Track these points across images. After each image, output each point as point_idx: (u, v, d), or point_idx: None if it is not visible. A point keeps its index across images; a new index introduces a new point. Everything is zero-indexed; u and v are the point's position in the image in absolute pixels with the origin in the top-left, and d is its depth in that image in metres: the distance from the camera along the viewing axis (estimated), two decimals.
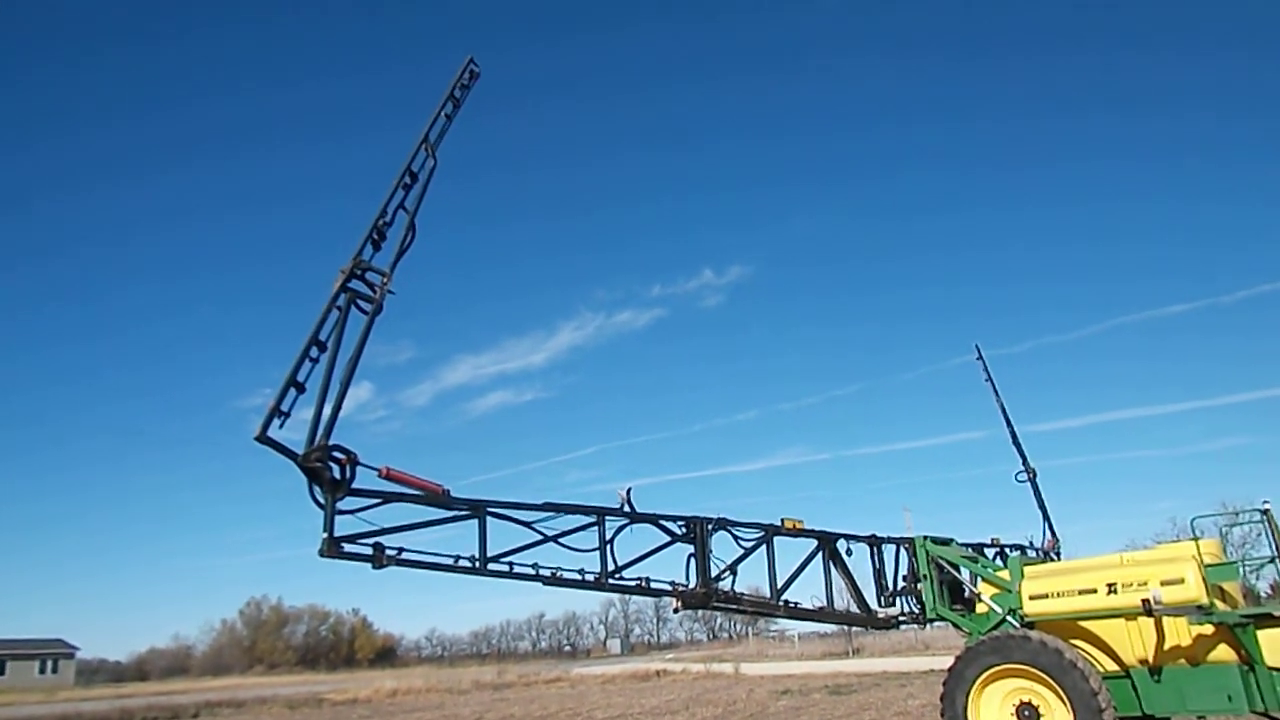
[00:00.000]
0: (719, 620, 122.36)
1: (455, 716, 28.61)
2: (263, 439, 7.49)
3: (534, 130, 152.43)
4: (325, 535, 7.61)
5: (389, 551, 8.12)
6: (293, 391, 7.87)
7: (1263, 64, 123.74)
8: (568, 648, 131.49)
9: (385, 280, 8.84)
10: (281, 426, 7.68)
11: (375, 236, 9.01)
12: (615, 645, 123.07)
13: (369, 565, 7.97)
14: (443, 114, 10.20)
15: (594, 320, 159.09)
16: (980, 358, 16.71)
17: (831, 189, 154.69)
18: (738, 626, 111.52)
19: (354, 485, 7.98)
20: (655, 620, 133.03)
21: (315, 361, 8.09)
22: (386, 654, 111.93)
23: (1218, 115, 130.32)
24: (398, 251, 9.16)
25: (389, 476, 8.08)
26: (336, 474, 7.85)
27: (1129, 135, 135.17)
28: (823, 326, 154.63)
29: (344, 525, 7.96)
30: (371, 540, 8.05)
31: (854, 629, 48.84)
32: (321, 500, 7.73)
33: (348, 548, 7.83)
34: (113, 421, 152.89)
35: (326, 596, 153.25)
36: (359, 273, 8.70)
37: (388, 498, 8.22)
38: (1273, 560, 10.36)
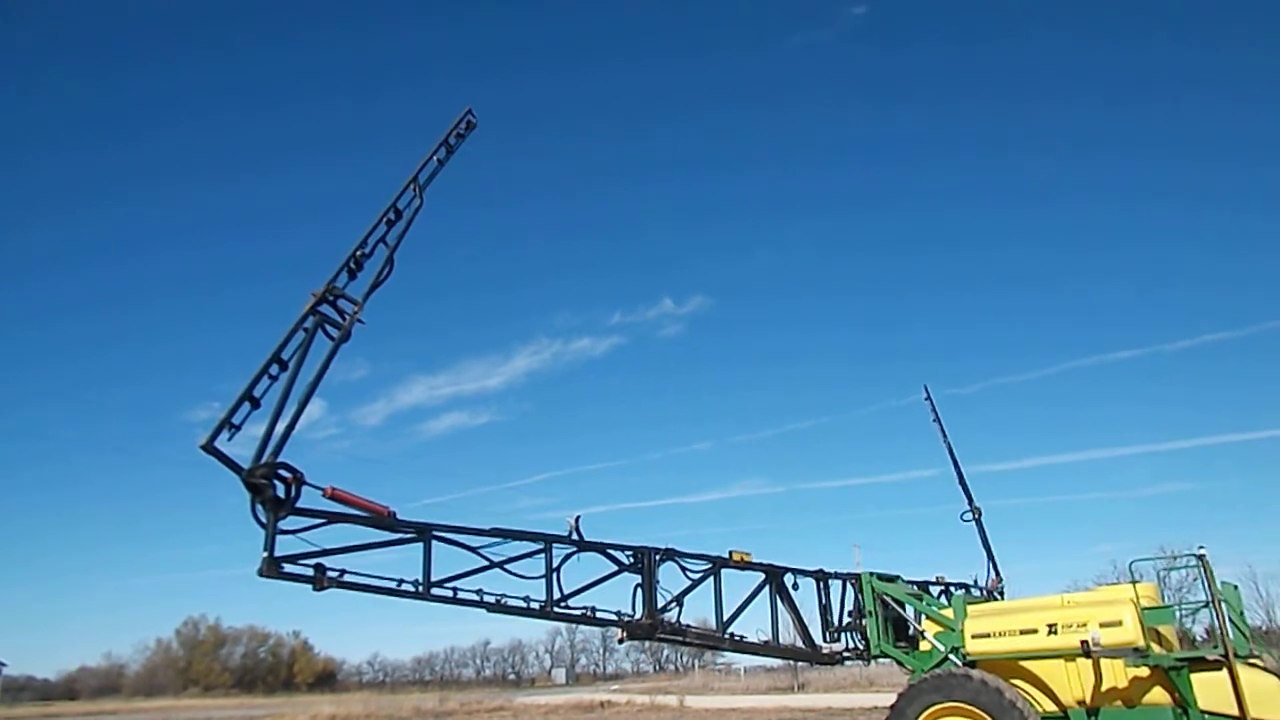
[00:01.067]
0: (665, 652, 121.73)
1: None
2: (209, 448, 7.39)
3: (499, 155, 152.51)
4: (265, 555, 7.46)
5: (331, 573, 7.99)
6: (247, 405, 7.83)
7: (1217, 108, 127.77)
8: (512, 676, 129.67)
9: (357, 310, 8.91)
10: (230, 439, 7.61)
11: (352, 265, 9.08)
12: (560, 675, 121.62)
13: (310, 587, 7.83)
14: (435, 158, 10.37)
15: (551, 346, 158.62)
16: (929, 398, 16.96)
17: (795, 223, 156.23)
18: (684, 658, 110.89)
19: (298, 505, 7.87)
20: (601, 650, 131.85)
21: (274, 379, 8.05)
22: (327, 678, 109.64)
23: (1169, 160, 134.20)
24: (373, 283, 9.24)
25: (334, 496, 7.96)
26: (281, 492, 7.73)
27: (1084, 180, 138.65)
28: (780, 359, 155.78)
29: (286, 545, 7.85)
30: (313, 561, 7.92)
31: (799, 664, 48.89)
32: (263, 519, 7.59)
33: (288, 568, 7.69)
34: (42, 428, 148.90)
35: (266, 618, 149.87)
36: (331, 299, 8.74)
37: (332, 518, 8.09)
38: (1207, 605, 10.53)
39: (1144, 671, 10.40)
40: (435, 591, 8.72)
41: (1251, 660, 10.53)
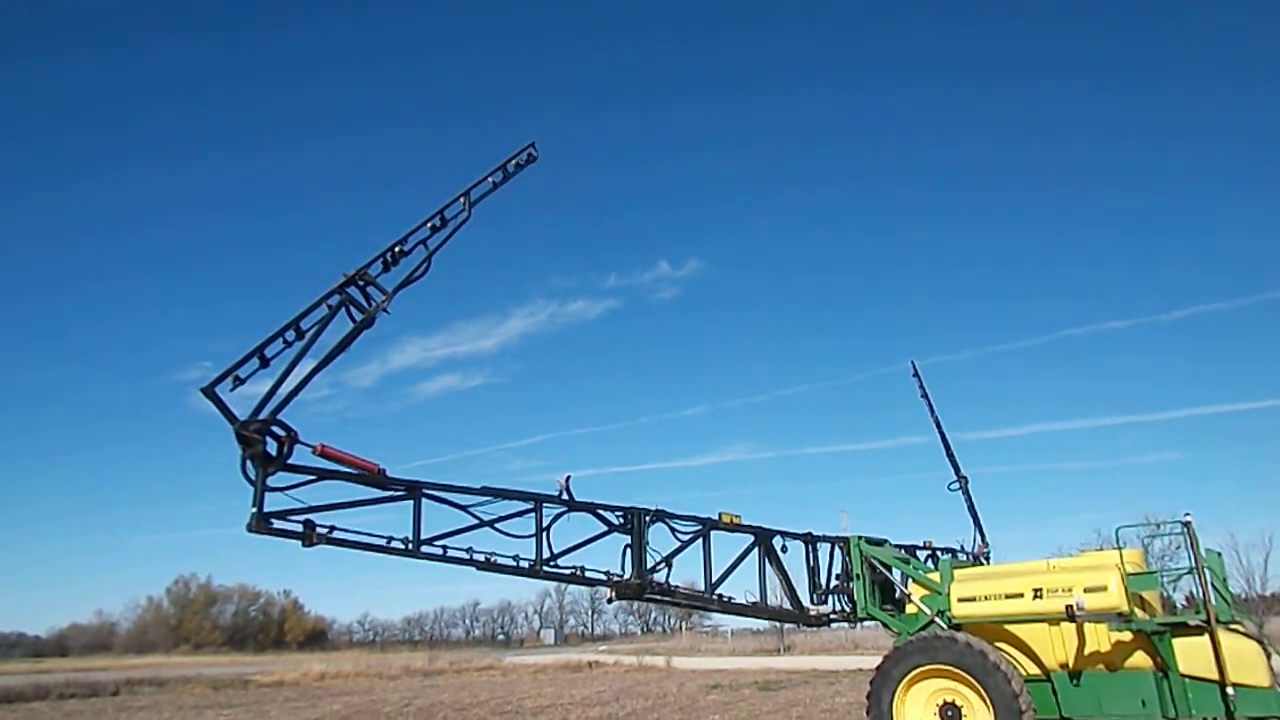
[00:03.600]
0: (653, 614, 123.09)
1: (383, 701, 28.26)
2: (209, 392, 7.40)
3: (499, 116, 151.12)
4: (254, 510, 7.44)
5: (320, 529, 7.98)
6: (255, 362, 7.84)
7: (1219, 90, 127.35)
8: (502, 636, 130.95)
9: (385, 299, 9.09)
10: (232, 390, 7.61)
11: (388, 258, 9.29)
12: (549, 635, 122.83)
13: (299, 543, 7.82)
14: (491, 180, 10.69)
15: (547, 308, 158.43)
16: (916, 374, 16.85)
17: (795, 194, 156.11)
18: (672, 620, 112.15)
19: (289, 462, 7.84)
20: (590, 612, 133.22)
21: (288, 345, 8.11)
22: (317, 637, 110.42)
23: (1165, 142, 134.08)
24: (406, 279, 9.47)
25: (324, 454, 7.93)
26: (272, 450, 7.71)
27: (1082, 155, 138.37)
28: (774, 326, 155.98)
29: (276, 503, 7.82)
30: (303, 517, 7.89)
31: (786, 626, 49.42)
32: (252, 475, 7.56)
33: (277, 524, 7.67)
34: (38, 388, 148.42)
35: (257, 577, 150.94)
36: (361, 283, 8.93)
37: (322, 475, 8.07)
38: (1191, 571, 10.63)
39: (1127, 636, 10.51)
40: (425, 549, 8.73)
41: (1233, 626, 10.64)
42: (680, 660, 48.00)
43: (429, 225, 9.82)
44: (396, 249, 9.39)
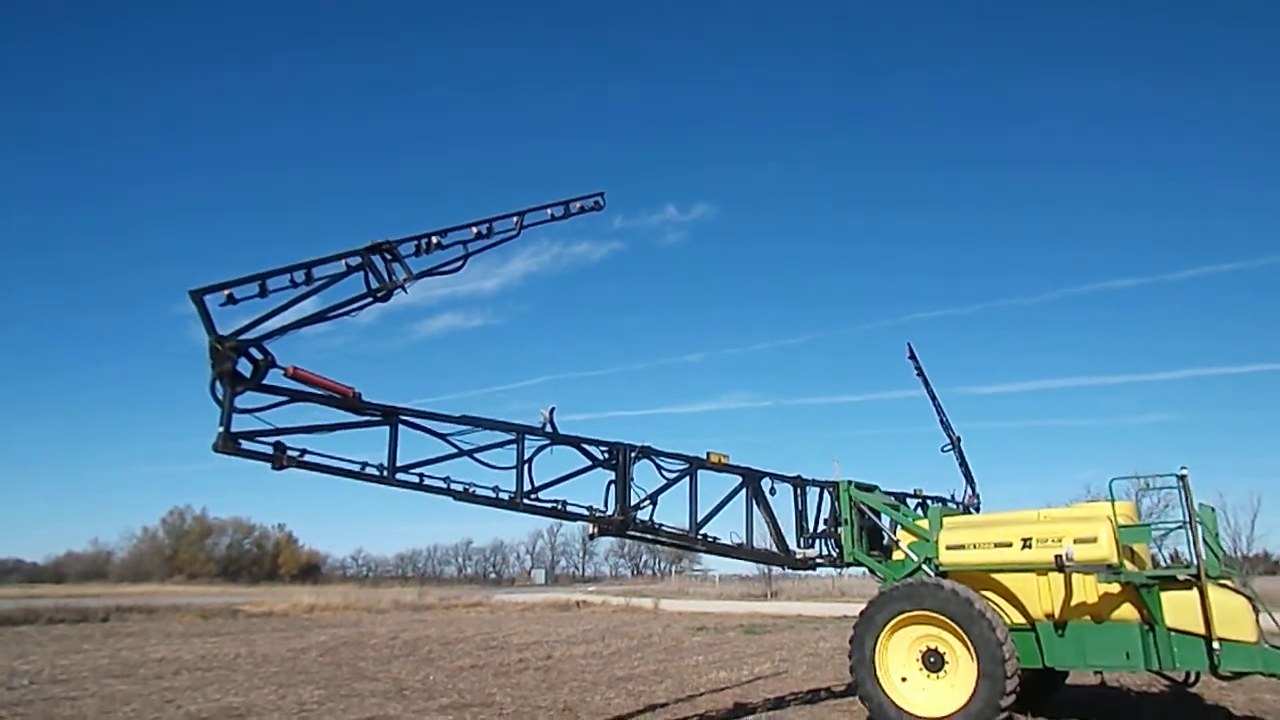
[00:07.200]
0: (644, 556, 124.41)
1: (370, 634, 28.43)
2: (196, 297, 7.13)
3: (509, 49, 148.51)
4: (220, 429, 7.17)
5: (291, 453, 7.71)
6: (255, 288, 7.48)
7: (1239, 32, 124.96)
8: (493, 575, 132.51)
9: (407, 278, 8.87)
10: (222, 306, 7.32)
11: (422, 244, 9.11)
12: (540, 575, 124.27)
13: (268, 465, 7.56)
14: (550, 211, 10.75)
15: (551, 249, 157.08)
16: (913, 356, 16.43)
17: (806, 137, 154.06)
18: (662, 563, 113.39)
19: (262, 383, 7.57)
20: (582, 553, 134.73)
21: (294, 285, 7.79)
22: (310, 571, 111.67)
23: (1186, 82, 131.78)
24: (435, 269, 9.31)
25: (295, 376, 7.66)
26: (245, 371, 7.42)
27: (1099, 102, 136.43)
28: (779, 272, 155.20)
29: (248, 426, 7.53)
30: (273, 439, 7.63)
31: (774, 571, 49.78)
32: (219, 395, 7.28)
33: (245, 445, 7.40)
34: (36, 316, 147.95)
35: (252, 510, 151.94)
36: (388, 256, 8.71)
37: (294, 396, 7.79)
38: (1183, 525, 10.45)
39: (1115, 588, 10.37)
40: (400, 476, 8.48)
41: (1222, 581, 10.51)
42: (668, 602, 48.40)
43: (474, 230, 9.68)
44: (434, 239, 9.21)
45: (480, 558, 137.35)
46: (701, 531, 11.33)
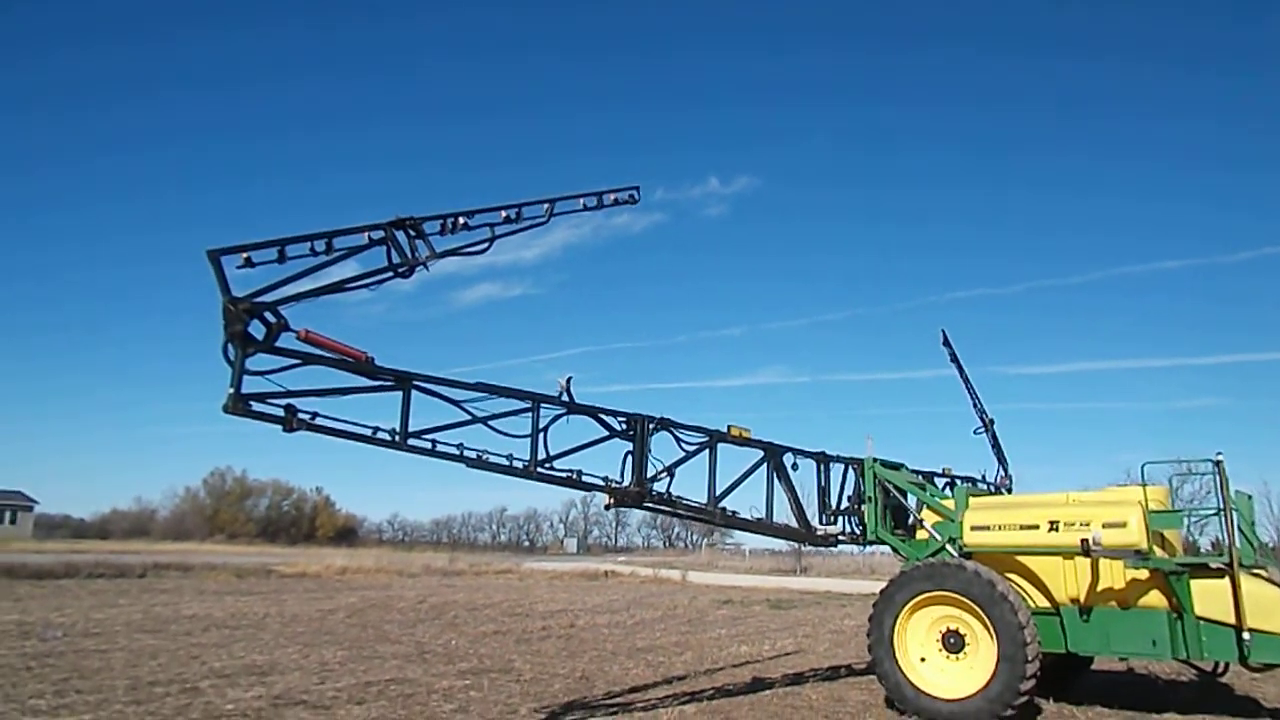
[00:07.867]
0: (676, 529, 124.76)
1: (398, 598, 28.79)
2: (214, 256, 7.12)
3: (547, 20, 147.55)
4: (231, 390, 7.14)
5: (302, 415, 7.68)
6: (273, 253, 7.46)
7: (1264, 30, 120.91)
8: (526, 543, 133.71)
9: (430, 256, 8.80)
10: (239, 268, 7.29)
11: (447, 224, 9.00)
12: (572, 544, 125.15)
13: (279, 428, 7.54)
14: (583, 201, 10.65)
15: (592, 220, 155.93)
16: (947, 343, 16.11)
17: (852, 110, 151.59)
18: (694, 536, 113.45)
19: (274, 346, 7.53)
20: (614, 524, 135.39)
21: (314, 254, 7.78)
22: (347, 534, 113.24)
23: (1226, 79, 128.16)
24: (459, 249, 9.24)
25: (308, 339, 7.60)
26: (257, 334, 7.39)
27: (1141, 91, 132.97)
28: (821, 247, 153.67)
29: (261, 388, 7.51)
30: (285, 402, 7.60)
31: (805, 547, 49.62)
32: (231, 356, 7.25)
33: (257, 406, 7.38)
34: (84, 273, 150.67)
35: (291, 473, 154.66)
36: (411, 232, 8.63)
37: (307, 359, 7.73)
38: (1218, 513, 10.15)
39: (1143, 574, 10.12)
40: (412, 442, 8.43)
41: (1255, 570, 10.22)
42: (696, 575, 48.51)
43: (503, 214, 9.56)
44: (460, 219, 9.09)
45: (514, 525, 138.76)
46: (720, 505, 11.20)
